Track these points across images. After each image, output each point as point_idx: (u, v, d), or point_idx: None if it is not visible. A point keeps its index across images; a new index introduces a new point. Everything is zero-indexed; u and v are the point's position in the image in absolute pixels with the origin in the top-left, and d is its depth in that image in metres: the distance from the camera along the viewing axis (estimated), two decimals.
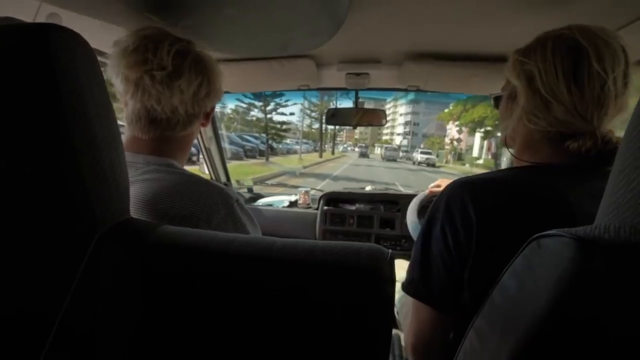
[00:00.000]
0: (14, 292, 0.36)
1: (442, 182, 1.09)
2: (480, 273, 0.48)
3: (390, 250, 0.34)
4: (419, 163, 24.18)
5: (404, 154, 35.24)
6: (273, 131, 21.02)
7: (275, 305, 0.33)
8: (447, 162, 26.88)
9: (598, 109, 0.47)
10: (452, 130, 31.06)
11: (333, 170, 15.87)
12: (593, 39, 0.46)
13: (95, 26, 0.60)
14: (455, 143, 30.20)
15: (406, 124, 48.12)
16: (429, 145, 35.22)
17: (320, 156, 25.02)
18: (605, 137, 0.48)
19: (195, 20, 0.67)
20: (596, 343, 0.31)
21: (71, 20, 0.60)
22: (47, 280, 0.36)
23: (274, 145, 21.44)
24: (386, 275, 0.32)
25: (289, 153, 23.79)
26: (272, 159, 18.16)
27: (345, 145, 48.31)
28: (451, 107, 23.63)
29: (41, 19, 0.59)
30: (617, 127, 0.50)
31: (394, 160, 29.31)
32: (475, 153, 23.59)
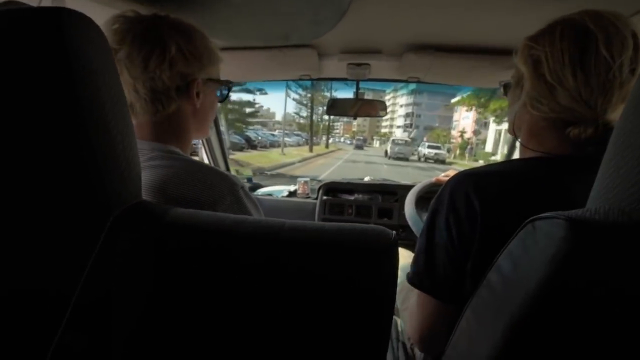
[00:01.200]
0: (31, 272, 0.37)
1: (451, 173, 1.09)
2: (483, 263, 0.48)
3: (394, 232, 0.35)
4: (426, 159, 21.44)
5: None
6: (234, 117, 17.01)
7: (284, 284, 0.34)
8: (455, 157, 24.30)
9: (602, 96, 0.46)
10: (460, 121, 28.21)
11: (321, 171, 12.40)
12: (603, 24, 0.46)
13: (100, 11, 0.60)
14: (465, 136, 26.80)
15: (407, 115, 44.78)
16: (434, 138, 30.89)
17: (311, 150, 22.06)
18: (608, 124, 0.48)
19: (198, 8, 0.67)
20: (587, 318, 0.33)
21: (75, 5, 0.59)
22: (64, 260, 0.37)
23: (253, 136, 18.30)
24: (391, 254, 0.33)
25: (274, 146, 20.08)
26: (247, 154, 15.29)
27: (342, 138, 46.45)
28: (464, 96, 21.19)
29: (47, 3, 0.59)
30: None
31: (405, 158, 21.58)
32: (488, 148, 21.84)
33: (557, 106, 0.49)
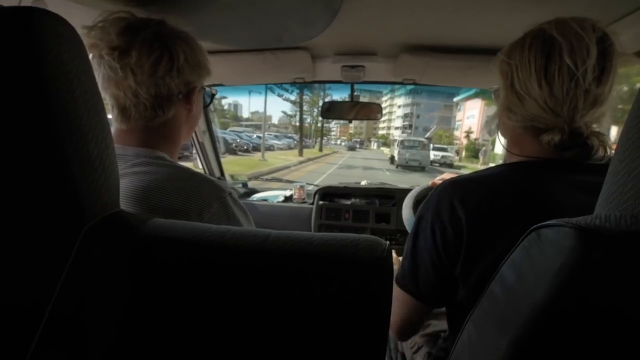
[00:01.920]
0: (4, 283, 0.35)
1: (447, 176, 1.09)
2: (472, 269, 0.49)
3: (387, 242, 0.33)
4: (432, 162, 17.31)
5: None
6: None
7: (270, 298, 0.32)
8: (461, 159, 21.25)
9: (567, 103, 0.48)
10: (464, 121, 26.39)
11: (308, 179, 8.96)
12: (567, 32, 0.47)
13: (82, 13, 0.58)
14: (471, 136, 24.34)
15: (405, 116, 43.74)
16: (436, 139, 28.71)
17: (300, 154, 19.08)
18: (575, 130, 0.49)
19: (187, 10, 0.65)
20: (596, 332, 0.30)
21: (57, 6, 0.57)
22: (36, 273, 0.35)
23: (231, 138, 16.00)
24: (385, 266, 0.31)
25: (259, 150, 16.37)
26: (224, 159, 12.37)
27: (339, 141, 45.78)
28: (471, 93, 19.65)
29: (27, 3, 0.57)
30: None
31: (421, 168, 15.66)
32: (498, 149, 17.59)
33: (528, 115, 0.51)
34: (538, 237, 0.33)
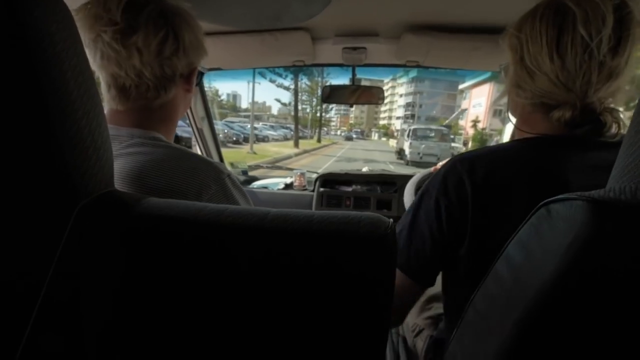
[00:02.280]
0: None
1: None
2: (477, 248, 0.48)
3: (391, 220, 0.32)
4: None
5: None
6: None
7: (268, 277, 0.31)
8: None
9: (580, 77, 0.45)
10: (470, 109, 24.89)
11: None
12: (582, 1, 0.44)
13: None
14: (479, 126, 23.08)
15: (407, 105, 42.04)
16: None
17: (296, 145, 17.77)
18: (588, 106, 0.47)
19: None
20: (607, 308, 0.29)
21: None
22: (29, 254, 0.34)
23: (219, 129, 12.54)
24: (388, 243, 0.30)
25: (248, 141, 14.79)
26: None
27: (339, 131, 44.51)
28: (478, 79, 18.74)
29: None
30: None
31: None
32: (506, 138, 17.13)
33: (538, 90, 0.49)
34: (548, 213, 0.32)
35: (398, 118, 43.63)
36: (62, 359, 0.33)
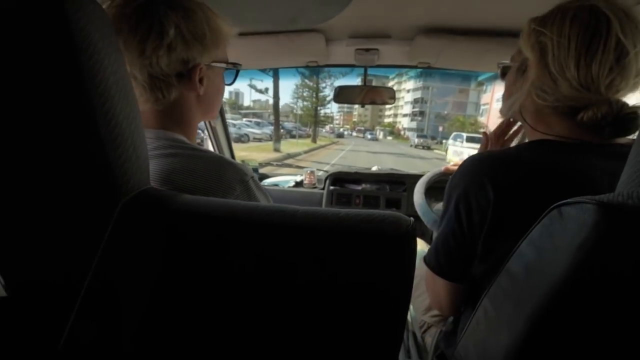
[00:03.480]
0: (42, 262, 0.37)
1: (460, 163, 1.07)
2: (493, 248, 0.49)
3: (412, 218, 0.34)
4: None
5: (423, 140, 23.24)
6: None
7: (299, 271, 0.33)
8: None
9: (605, 81, 0.45)
10: (492, 105, 22.84)
11: None
12: (617, 11, 0.44)
13: None
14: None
15: (415, 101, 38.68)
16: (457, 127, 24.06)
17: (276, 149, 14.11)
18: (619, 102, 0.46)
19: None
20: (614, 310, 0.31)
21: None
22: (74, 249, 0.36)
23: None
24: (409, 242, 0.32)
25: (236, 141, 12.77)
26: None
27: (342, 129, 42.08)
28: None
29: None
30: None
31: None
32: None
33: (561, 96, 0.48)
34: (559, 215, 0.34)
35: (405, 115, 41.29)
36: (101, 349, 0.35)
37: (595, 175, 0.45)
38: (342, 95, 1.38)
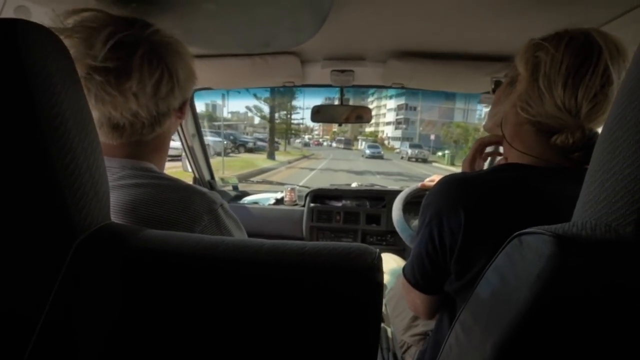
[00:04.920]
0: None
1: (436, 178, 1.08)
2: (468, 267, 0.50)
3: (377, 250, 0.34)
4: None
5: (417, 150, 21.35)
6: None
7: (264, 307, 0.32)
8: None
9: (587, 106, 0.47)
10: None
11: None
12: (609, 42, 0.47)
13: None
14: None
15: (399, 108, 35.55)
16: (459, 134, 21.47)
17: (222, 164, 11.51)
18: (592, 131, 0.49)
19: (173, 16, 0.65)
20: (575, 336, 0.32)
21: (41, 14, 0.56)
22: (28, 287, 0.35)
23: None
24: (375, 274, 0.32)
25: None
26: None
27: (321, 140, 40.83)
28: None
29: (8, 13, 0.56)
30: None
31: None
32: None
33: (544, 112, 0.50)
34: (520, 243, 0.35)
35: (388, 124, 39.39)
36: None
37: (562, 199, 0.46)
38: (321, 113, 1.40)
